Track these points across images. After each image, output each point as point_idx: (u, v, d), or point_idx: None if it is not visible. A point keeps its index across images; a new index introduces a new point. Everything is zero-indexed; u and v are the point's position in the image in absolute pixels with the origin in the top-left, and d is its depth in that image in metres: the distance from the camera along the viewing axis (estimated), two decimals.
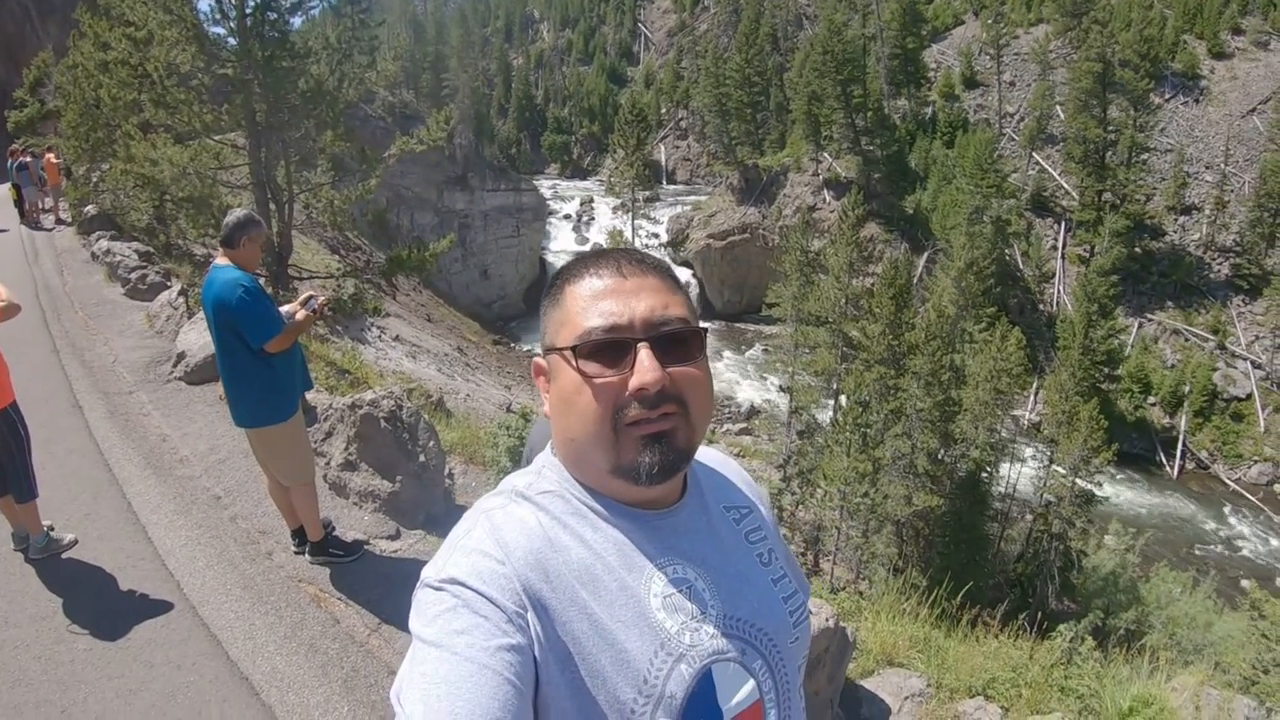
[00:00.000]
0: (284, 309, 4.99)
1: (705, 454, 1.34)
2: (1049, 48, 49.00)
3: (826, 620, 4.35)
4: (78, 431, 7.49)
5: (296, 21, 13.39)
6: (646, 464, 1.12)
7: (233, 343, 4.73)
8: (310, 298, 5.08)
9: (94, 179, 17.58)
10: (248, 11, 12.69)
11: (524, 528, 1.11)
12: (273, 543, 5.53)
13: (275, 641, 4.48)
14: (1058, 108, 46.75)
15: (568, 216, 61.32)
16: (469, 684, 0.93)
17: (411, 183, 48.81)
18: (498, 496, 1.19)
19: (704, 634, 1.12)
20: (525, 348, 45.85)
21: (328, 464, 6.18)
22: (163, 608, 4.79)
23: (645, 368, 1.11)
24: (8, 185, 20.72)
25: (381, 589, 5.00)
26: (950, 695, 5.19)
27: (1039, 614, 21.75)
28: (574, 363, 1.13)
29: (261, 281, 5.04)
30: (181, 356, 8.91)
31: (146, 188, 13.37)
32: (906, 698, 4.97)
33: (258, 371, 4.76)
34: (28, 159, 20.61)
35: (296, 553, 5.36)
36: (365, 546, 5.45)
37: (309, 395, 6.83)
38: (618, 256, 1.21)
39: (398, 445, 6.21)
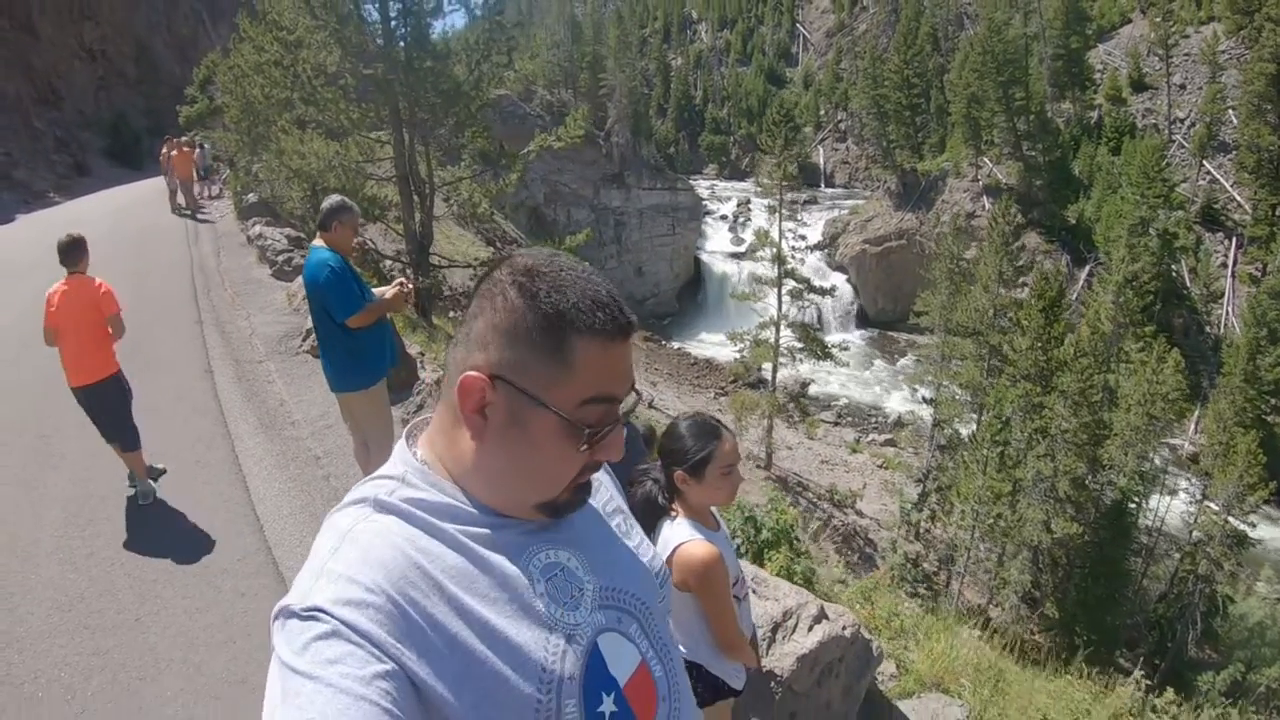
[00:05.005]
0: (377, 290, 5.51)
1: None
2: (1219, 48, 45.60)
3: (844, 629, 4.19)
4: (205, 392, 8.35)
5: (438, 25, 14.13)
6: (575, 504, 1.16)
7: (321, 316, 5.32)
8: (401, 282, 5.57)
9: (254, 169, 18.85)
10: (391, 17, 13.50)
11: (391, 542, 1.04)
12: None
13: None
14: (1230, 113, 43.67)
15: (724, 217, 61.28)
16: (345, 717, 0.89)
17: (569, 179, 50.04)
18: (357, 507, 1.11)
19: (584, 611, 1.13)
20: (676, 345, 46.45)
21: None
22: (242, 545, 5.42)
23: (619, 445, 1.13)
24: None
25: None
26: None
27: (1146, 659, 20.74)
28: (569, 437, 1.09)
29: (351, 262, 5.50)
30: (310, 332, 9.60)
31: (297, 178, 14.30)
32: None
33: (341, 343, 5.32)
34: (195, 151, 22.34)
35: None
36: None
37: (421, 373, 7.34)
38: (611, 301, 1.11)
39: None
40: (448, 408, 1.15)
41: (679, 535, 2.66)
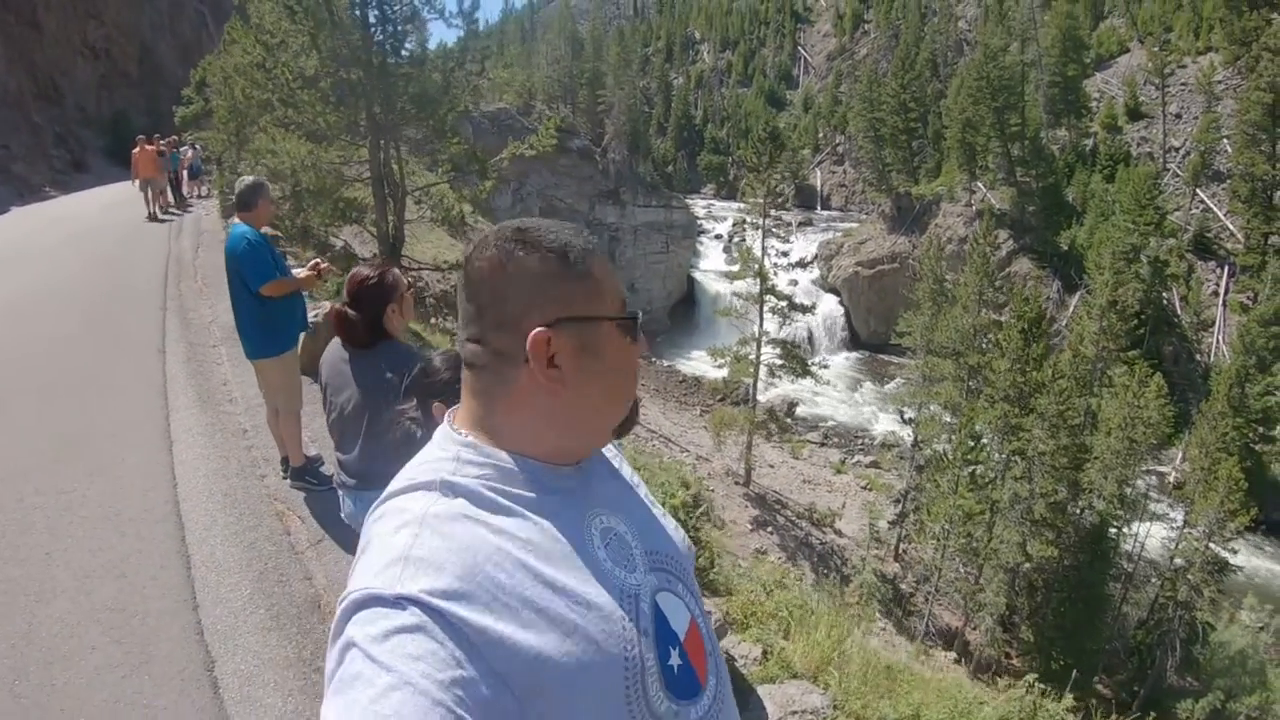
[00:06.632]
0: (295, 271, 6.11)
1: None
2: (1215, 77, 46.10)
3: None
4: (154, 369, 8.74)
5: (422, 36, 14.35)
6: (632, 419, 1.27)
7: (238, 286, 5.84)
8: (315, 263, 6.09)
9: (239, 169, 19.07)
10: (370, 24, 13.75)
11: (468, 526, 1.06)
12: (269, 469, 6.43)
13: (225, 536, 5.39)
14: (1225, 142, 43.87)
15: (719, 236, 61.55)
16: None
17: (565, 194, 50.39)
18: (424, 492, 1.12)
19: (640, 572, 1.20)
20: (666, 363, 46.46)
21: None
22: (153, 499, 5.84)
23: (644, 340, 1.24)
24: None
25: (341, 520, 5.62)
26: None
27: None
28: (624, 335, 1.20)
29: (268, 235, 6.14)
30: None
31: (274, 178, 14.50)
32: (794, 712, 4.57)
33: (256, 312, 5.86)
34: (185, 150, 22.54)
35: (283, 478, 6.22)
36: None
37: None
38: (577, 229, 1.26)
39: None
40: (483, 390, 1.19)
41: None
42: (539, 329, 1.14)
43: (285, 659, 4.18)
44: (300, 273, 5.98)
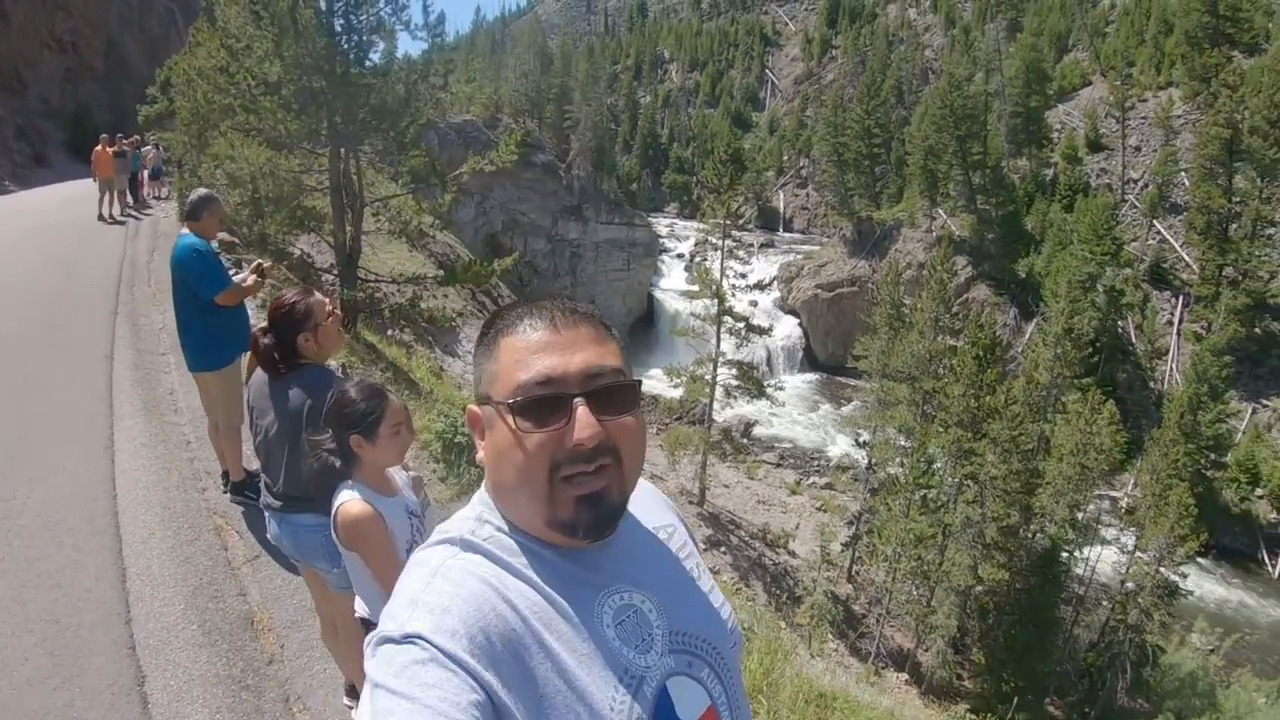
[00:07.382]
0: (237, 277, 5.98)
1: None
2: (1174, 112, 47.06)
3: None
4: (100, 375, 8.56)
5: (379, 42, 14.24)
6: (584, 522, 1.16)
7: (184, 297, 5.81)
8: (259, 265, 6.04)
9: (198, 173, 18.85)
10: (336, 32, 13.71)
11: (480, 579, 1.11)
12: (210, 482, 6.33)
13: (162, 549, 5.32)
14: (1182, 175, 44.95)
15: (680, 256, 61.79)
16: None
17: (528, 209, 50.31)
18: (446, 546, 1.18)
19: (654, 653, 1.19)
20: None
21: None
22: (92, 509, 5.73)
23: (582, 424, 1.13)
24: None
25: None
26: None
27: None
28: (509, 418, 1.15)
29: (214, 246, 6.05)
30: None
31: (232, 184, 14.38)
32: None
33: (201, 324, 5.82)
34: (148, 150, 22.26)
35: (224, 492, 6.12)
36: None
37: None
38: (550, 308, 1.22)
39: None
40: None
41: (340, 497, 2.78)
42: (471, 405, 1.26)
43: (215, 676, 4.14)
44: (245, 278, 5.91)
